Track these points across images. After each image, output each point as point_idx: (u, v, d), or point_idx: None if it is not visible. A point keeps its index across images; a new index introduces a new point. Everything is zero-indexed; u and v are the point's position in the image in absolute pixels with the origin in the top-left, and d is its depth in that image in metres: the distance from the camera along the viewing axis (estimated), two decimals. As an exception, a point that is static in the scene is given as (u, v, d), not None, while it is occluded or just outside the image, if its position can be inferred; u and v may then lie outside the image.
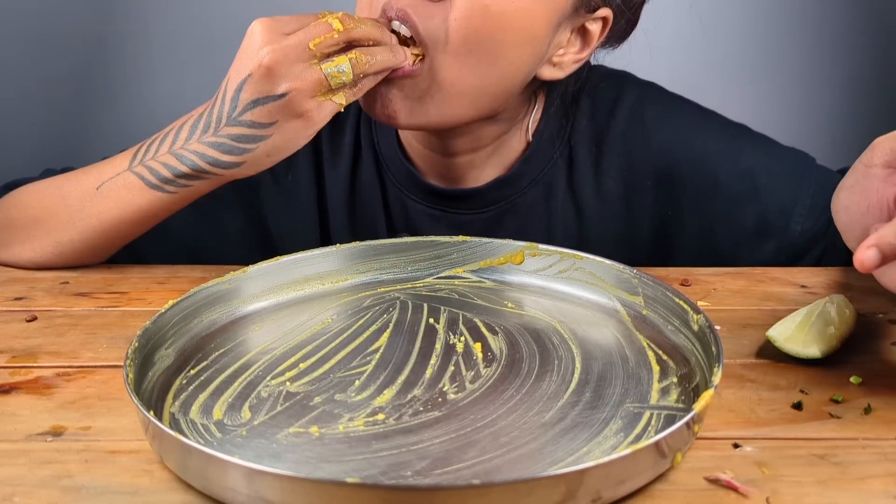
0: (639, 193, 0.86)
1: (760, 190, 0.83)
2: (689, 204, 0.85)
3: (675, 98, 0.88)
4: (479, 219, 0.85)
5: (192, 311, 0.63)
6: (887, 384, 0.58)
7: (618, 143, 0.85)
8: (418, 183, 0.85)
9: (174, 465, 0.48)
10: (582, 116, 0.86)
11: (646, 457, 0.45)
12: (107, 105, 1.47)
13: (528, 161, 0.85)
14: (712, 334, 0.56)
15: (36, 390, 0.58)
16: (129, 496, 0.46)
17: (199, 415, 0.54)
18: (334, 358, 0.61)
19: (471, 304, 0.70)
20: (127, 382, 0.50)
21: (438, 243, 0.74)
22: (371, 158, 0.87)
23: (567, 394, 0.56)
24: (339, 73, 0.68)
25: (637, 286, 0.67)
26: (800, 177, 0.84)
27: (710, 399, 0.49)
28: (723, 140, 0.85)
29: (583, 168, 0.85)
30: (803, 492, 0.47)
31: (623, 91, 0.87)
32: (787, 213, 0.83)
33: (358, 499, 0.42)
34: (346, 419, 0.53)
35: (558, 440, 0.51)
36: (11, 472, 0.48)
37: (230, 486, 0.44)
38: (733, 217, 0.84)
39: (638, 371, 0.59)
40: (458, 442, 0.51)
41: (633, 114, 0.85)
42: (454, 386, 0.57)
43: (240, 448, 0.50)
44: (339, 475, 0.47)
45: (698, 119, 0.87)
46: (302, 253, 0.71)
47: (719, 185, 0.84)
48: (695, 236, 0.86)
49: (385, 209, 0.87)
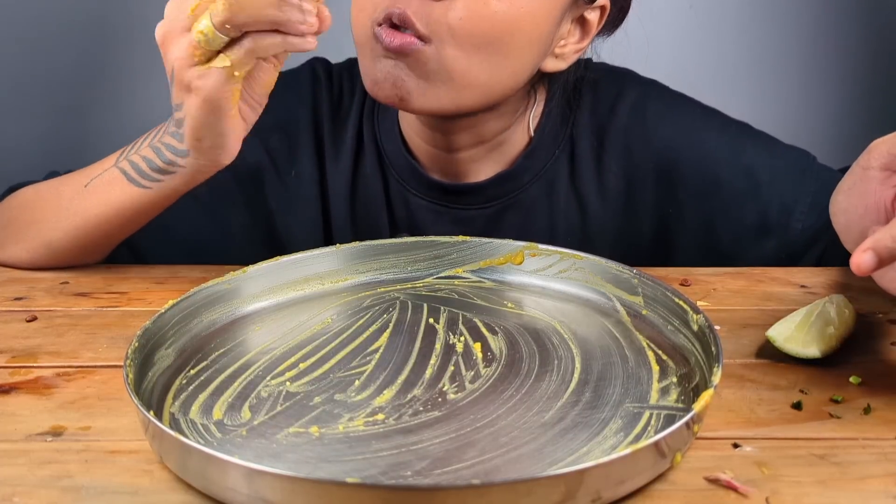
0: (640, 189, 0.86)
1: (762, 188, 0.84)
2: (690, 201, 0.85)
3: (676, 95, 0.89)
4: (481, 214, 0.86)
5: (191, 311, 0.63)
6: (887, 384, 0.58)
7: (619, 139, 0.85)
8: (421, 178, 0.86)
9: (174, 465, 0.48)
10: (583, 112, 0.86)
11: (645, 457, 0.45)
12: (107, 105, 1.47)
13: (529, 156, 0.85)
14: (712, 334, 0.56)
15: (36, 390, 0.58)
16: (129, 496, 0.46)
17: (199, 415, 0.54)
18: (334, 358, 0.61)
19: (471, 304, 0.70)
20: (127, 382, 0.50)
21: (438, 243, 0.74)
22: (373, 153, 0.87)
23: (567, 394, 0.56)
24: (202, 32, 0.60)
25: (637, 286, 0.67)
26: (801, 175, 0.84)
27: (709, 399, 0.49)
28: (724, 138, 0.85)
29: (584, 164, 0.86)
30: (803, 492, 0.47)
31: (625, 88, 0.87)
32: (789, 211, 0.83)
33: (358, 499, 0.42)
34: (346, 419, 0.53)
35: (558, 440, 0.51)
36: (11, 472, 0.49)
37: (230, 486, 0.44)
38: (734, 214, 0.84)
39: (637, 371, 0.59)
40: (458, 442, 0.51)
41: (635, 110, 0.85)
42: (454, 386, 0.57)
43: (239, 448, 0.50)
44: (339, 475, 0.47)
45: (700, 116, 0.87)
46: (302, 253, 0.71)
47: (720, 183, 0.84)
48: (696, 233, 0.86)
49: (387, 204, 0.87)
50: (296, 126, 0.87)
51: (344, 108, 0.88)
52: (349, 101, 0.88)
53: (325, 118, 0.88)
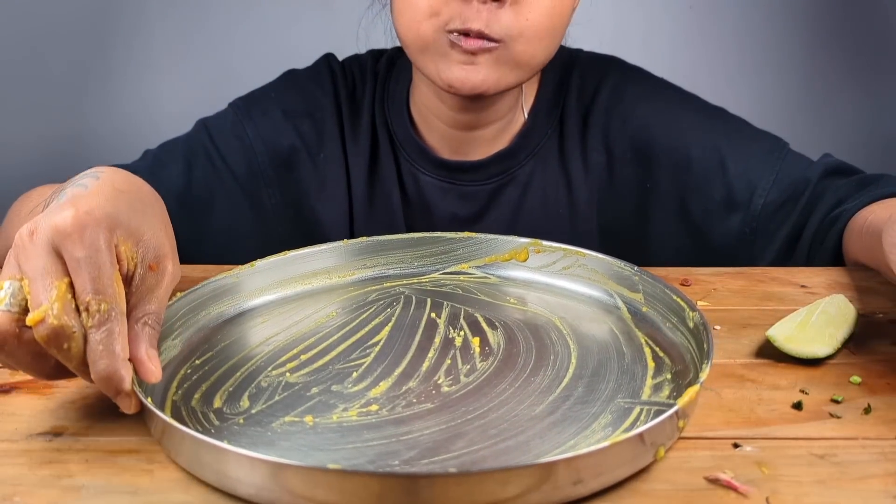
0: (620, 164, 0.93)
1: (727, 164, 0.89)
2: (664, 176, 0.91)
3: (656, 80, 0.95)
4: (483, 189, 0.93)
5: (199, 303, 0.65)
6: (887, 384, 0.58)
7: (601, 119, 0.92)
8: (429, 157, 0.92)
9: (172, 453, 0.49)
10: (571, 95, 0.94)
11: (625, 450, 0.46)
12: (107, 105, 1.48)
13: (525, 136, 0.93)
14: (705, 331, 0.56)
15: (36, 390, 0.58)
16: (129, 496, 0.47)
17: (200, 403, 0.56)
18: (335, 350, 0.62)
19: (474, 299, 0.71)
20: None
21: (444, 239, 0.76)
22: (386, 138, 0.94)
23: (559, 388, 0.57)
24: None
25: (637, 283, 0.67)
26: (768, 155, 0.89)
27: (694, 395, 0.50)
28: (698, 118, 0.92)
29: (571, 142, 0.93)
30: (803, 492, 0.47)
31: (609, 72, 0.94)
32: (752, 186, 0.89)
33: (340, 485, 0.43)
34: (341, 409, 0.54)
35: (546, 433, 0.52)
36: (11, 472, 0.49)
37: (231, 474, 0.46)
38: (703, 190, 0.90)
39: (633, 367, 0.60)
40: (448, 433, 0.52)
41: (615, 92, 0.93)
42: (449, 379, 0.58)
43: (236, 436, 0.52)
44: (327, 463, 0.48)
45: (676, 99, 0.94)
46: (308, 248, 0.73)
47: (691, 160, 0.90)
48: (670, 206, 0.92)
49: (399, 182, 0.94)
50: (322, 112, 0.93)
51: (358, 96, 0.95)
52: (362, 90, 0.95)
53: (344, 105, 0.94)
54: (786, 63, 1.53)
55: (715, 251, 0.91)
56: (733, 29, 1.52)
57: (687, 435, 0.52)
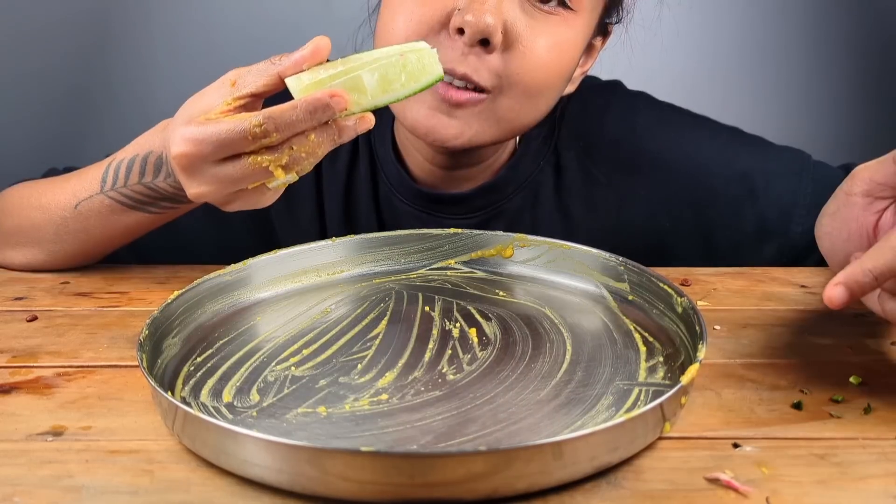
0: (631, 203, 0.86)
1: (758, 192, 0.84)
2: (686, 213, 0.85)
3: (665, 106, 0.89)
4: (465, 224, 0.86)
5: (196, 301, 0.65)
6: (887, 384, 0.58)
7: (608, 151, 0.86)
8: (408, 185, 0.87)
9: (189, 442, 0.50)
10: (569, 124, 0.87)
11: (643, 422, 0.48)
12: (106, 104, 1.47)
13: (513, 167, 0.86)
14: (695, 315, 0.59)
15: (36, 390, 0.58)
16: (129, 496, 0.46)
17: (210, 398, 0.56)
18: (336, 344, 0.63)
19: (463, 293, 0.72)
20: (142, 364, 0.52)
21: (430, 236, 0.77)
22: (367, 157, 0.89)
23: (560, 373, 0.59)
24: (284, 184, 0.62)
25: (623, 273, 0.70)
26: (797, 177, 0.84)
27: (696, 372, 0.52)
28: (716, 145, 0.85)
29: (571, 175, 0.86)
30: (803, 492, 0.47)
31: (612, 99, 0.88)
32: (787, 214, 0.83)
33: (371, 467, 0.44)
34: (352, 399, 0.55)
35: (553, 415, 0.54)
36: (11, 472, 0.49)
37: (247, 458, 0.46)
38: (732, 223, 0.84)
39: (626, 352, 0.62)
40: (460, 418, 0.53)
41: (624, 122, 0.86)
42: (452, 368, 0.60)
43: (251, 428, 0.52)
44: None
45: (690, 126, 0.87)
46: (300, 246, 0.73)
47: (716, 192, 0.84)
48: (693, 243, 0.86)
49: (376, 207, 0.89)
50: None
51: None
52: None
53: None
54: (785, 63, 1.51)
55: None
56: (733, 29, 1.49)
57: (687, 435, 0.52)
